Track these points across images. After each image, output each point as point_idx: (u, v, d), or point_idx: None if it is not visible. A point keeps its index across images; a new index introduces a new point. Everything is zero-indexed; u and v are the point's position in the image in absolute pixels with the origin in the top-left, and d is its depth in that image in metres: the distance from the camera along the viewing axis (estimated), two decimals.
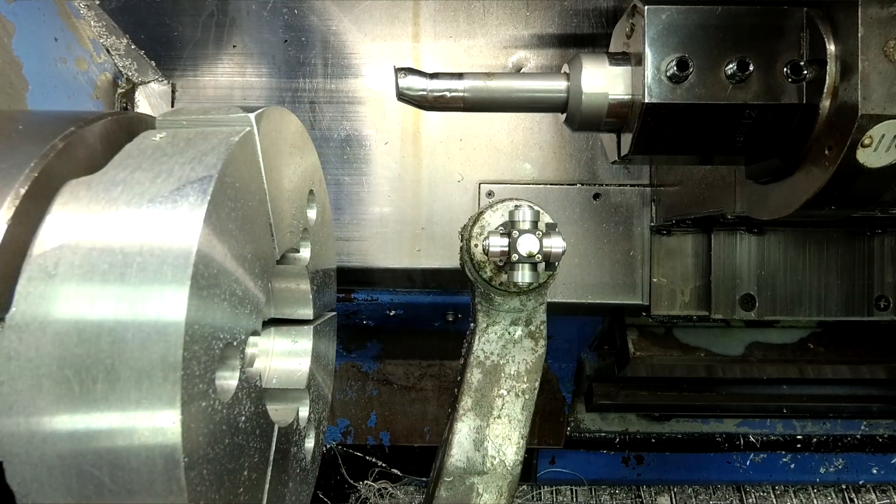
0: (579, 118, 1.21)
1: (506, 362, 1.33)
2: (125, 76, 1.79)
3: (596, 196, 1.82)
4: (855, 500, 2.65)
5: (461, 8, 1.76)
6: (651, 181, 1.82)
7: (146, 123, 0.91)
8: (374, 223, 1.82)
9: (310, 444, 1.14)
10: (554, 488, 2.67)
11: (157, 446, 0.65)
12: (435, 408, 2.47)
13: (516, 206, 1.21)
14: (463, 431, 1.30)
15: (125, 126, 0.88)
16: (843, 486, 2.67)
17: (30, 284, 0.67)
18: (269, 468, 0.93)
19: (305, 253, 1.13)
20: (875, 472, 2.64)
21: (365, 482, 2.61)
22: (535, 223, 1.17)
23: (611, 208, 1.82)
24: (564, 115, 1.24)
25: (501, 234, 1.18)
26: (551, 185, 1.82)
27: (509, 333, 1.33)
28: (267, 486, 0.92)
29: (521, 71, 1.78)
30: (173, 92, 1.82)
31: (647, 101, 1.10)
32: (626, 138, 1.20)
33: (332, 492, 2.62)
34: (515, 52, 1.78)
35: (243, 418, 0.82)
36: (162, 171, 0.74)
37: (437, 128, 1.81)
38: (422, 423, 2.49)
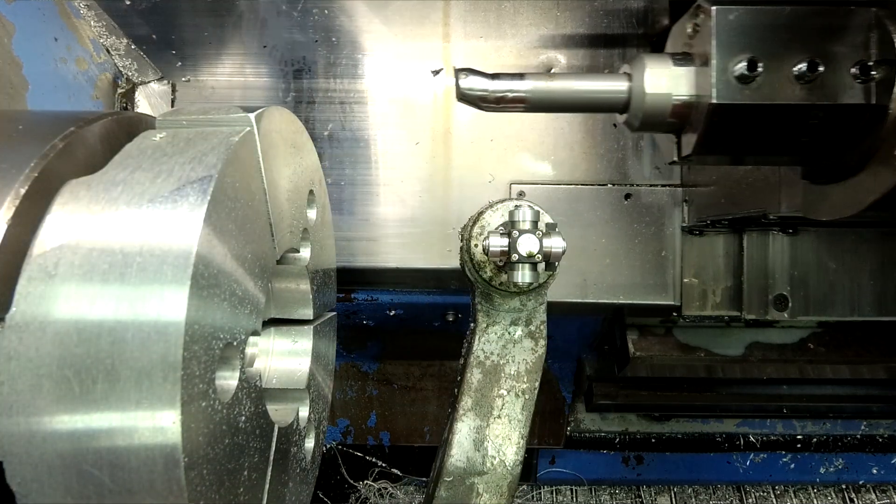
0: (641, 118, 1.19)
1: (506, 362, 1.33)
2: (125, 76, 1.79)
3: (627, 196, 1.80)
4: (855, 500, 2.65)
5: (491, 8, 1.74)
6: (682, 181, 1.81)
7: (146, 123, 0.91)
8: (406, 223, 1.81)
9: (310, 444, 1.14)
10: (554, 488, 2.68)
11: (157, 446, 0.65)
12: (435, 408, 2.47)
13: (516, 205, 1.21)
14: (463, 431, 1.30)
15: (125, 126, 0.88)
16: (843, 486, 2.67)
17: (30, 284, 0.67)
18: (269, 468, 0.93)
19: (305, 253, 1.13)
20: (875, 472, 2.63)
21: (365, 482, 2.61)
22: (535, 223, 1.17)
23: (642, 208, 1.81)
24: (623, 115, 1.22)
25: (501, 234, 1.18)
26: (582, 185, 1.80)
27: (509, 333, 1.33)
28: (267, 486, 0.92)
29: (552, 71, 1.77)
30: (173, 92, 1.81)
31: (714, 101, 1.08)
32: (689, 138, 1.19)
33: (332, 492, 2.62)
34: (545, 52, 1.77)
35: (243, 418, 0.82)
36: (162, 171, 0.74)
37: (468, 128, 1.80)
38: (422, 423, 2.49)
